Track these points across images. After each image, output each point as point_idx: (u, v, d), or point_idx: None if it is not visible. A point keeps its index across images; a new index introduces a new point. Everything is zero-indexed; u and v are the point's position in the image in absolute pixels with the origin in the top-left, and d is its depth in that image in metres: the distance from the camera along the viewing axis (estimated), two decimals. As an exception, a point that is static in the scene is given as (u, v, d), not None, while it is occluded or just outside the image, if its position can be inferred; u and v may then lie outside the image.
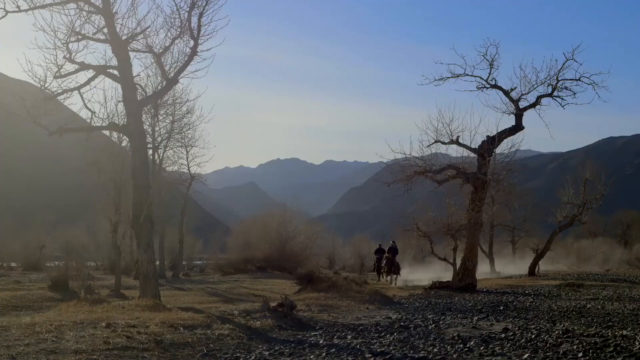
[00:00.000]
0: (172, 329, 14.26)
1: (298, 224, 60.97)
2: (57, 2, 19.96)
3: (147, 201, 20.74)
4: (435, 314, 20.75)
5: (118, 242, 35.04)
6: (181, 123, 45.49)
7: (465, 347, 13.56)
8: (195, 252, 71.57)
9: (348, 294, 25.08)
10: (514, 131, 33.10)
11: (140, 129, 21.31)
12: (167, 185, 45.10)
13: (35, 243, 60.26)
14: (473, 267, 31.82)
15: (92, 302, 18.51)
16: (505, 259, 60.27)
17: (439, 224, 33.07)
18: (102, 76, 21.41)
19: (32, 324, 13.86)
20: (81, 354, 11.23)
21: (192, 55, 21.72)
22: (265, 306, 18.12)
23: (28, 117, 19.60)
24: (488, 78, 33.19)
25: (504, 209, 56.47)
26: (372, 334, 15.71)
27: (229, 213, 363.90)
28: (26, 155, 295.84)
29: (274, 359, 12.40)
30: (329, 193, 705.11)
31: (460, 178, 32.57)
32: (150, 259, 20.96)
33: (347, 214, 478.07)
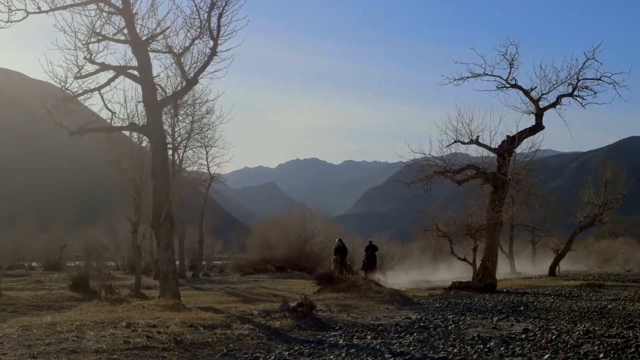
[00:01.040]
0: (192, 329, 14.29)
1: (317, 224, 60.97)
2: (78, 3, 20.05)
3: (167, 201, 20.79)
4: (455, 314, 20.69)
5: (138, 242, 35.20)
6: (201, 123, 45.64)
7: (486, 348, 13.52)
8: (215, 252, 71.73)
9: (367, 294, 25.07)
10: (534, 131, 32.98)
11: (160, 129, 21.38)
12: (187, 185, 45.22)
13: (56, 243, 60.63)
14: (493, 268, 31.72)
15: (112, 302, 18.55)
16: (525, 259, 59.99)
17: (458, 224, 32.96)
18: (122, 77, 21.48)
19: (53, 324, 13.91)
20: (102, 353, 11.26)
21: (212, 56, 21.77)
22: (285, 306, 18.12)
23: (49, 117, 19.70)
24: (508, 78, 33.09)
25: (524, 209, 56.29)
26: (392, 334, 15.69)
27: (248, 213, 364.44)
28: (47, 155, 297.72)
29: (294, 359, 12.40)
30: (348, 193, 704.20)
31: (480, 178, 32.48)
32: (170, 258, 21.01)
33: (366, 214, 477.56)
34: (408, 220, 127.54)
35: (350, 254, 42.90)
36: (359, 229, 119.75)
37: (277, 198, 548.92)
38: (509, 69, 32.96)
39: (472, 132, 32.26)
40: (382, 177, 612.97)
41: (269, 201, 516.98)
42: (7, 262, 57.89)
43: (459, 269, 39.42)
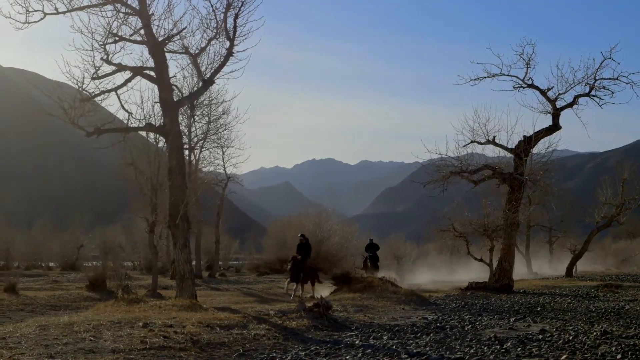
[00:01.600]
0: (209, 329, 14.31)
1: (333, 224, 60.90)
2: (95, 4, 20.11)
3: (184, 201, 20.82)
4: (472, 314, 20.65)
5: (155, 242, 35.25)
6: (217, 124, 45.75)
7: (502, 348, 13.48)
8: (231, 252, 71.87)
9: (384, 295, 25.04)
10: (550, 131, 32.86)
11: (177, 129, 21.40)
12: (203, 185, 45.26)
13: (73, 243, 60.91)
14: (510, 268, 31.63)
15: (129, 302, 18.60)
16: (542, 260, 59.82)
17: (475, 225, 32.90)
18: (138, 77, 21.51)
19: (71, 324, 13.95)
20: (119, 353, 11.30)
21: (228, 56, 21.79)
22: (301, 306, 18.12)
23: (66, 118, 19.75)
24: (525, 77, 32.98)
25: (541, 209, 56.14)
26: (408, 335, 15.67)
27: (264, 213, 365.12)
28: (64, 156, 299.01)
29: (310, 359, 12.41)
30: (364, 193, 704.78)
31: (496, 178, 32.40)
32: (187, 259, 21.04)
33: (382, 214, 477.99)
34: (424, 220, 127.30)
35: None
36: (375, 229, 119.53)
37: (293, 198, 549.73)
38: (526, 68, 32.87)
39: (488, 132, 32.21)
40: (398, 177, 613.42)
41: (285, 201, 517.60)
42: (25, 262, 58.26)
43: (476, 269, 39.31)
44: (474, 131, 32.35)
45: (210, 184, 49.07)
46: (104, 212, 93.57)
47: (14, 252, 58.24)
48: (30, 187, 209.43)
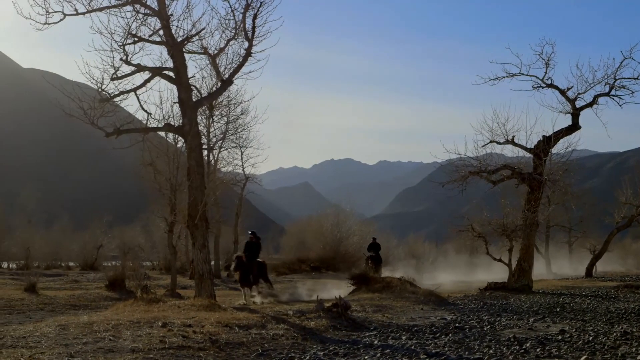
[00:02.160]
0: (228, 329, 14.34)
1: (352, 224, 60.98)
2: (114, 5, 20.19)
3: (203, 201, 20.87)
4: (491, 315, 20.59)
5: (174, 242, 35.34)
6: (236, 124, 45.81)
7: (522, 349, 13.43)
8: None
9: (402, 295, 25.01)
10: (570, 131, 32.70)
11: (196, 130, 21.45)
12: (222, 185, 45.36)
13: (92, 243, 61.13)
14: (529, 268, 31.51)
15: (148, 302, 18.66)
16: (561, 260, 59.53)
17: (494, 225, 32.81)
18: (157, 78, 21.58)
19: (90, 323, 14.02)
20: (138, 352, 11.34)
21: (247, 57, 21.84)
22: (320, 306, 18.12)
23: (85, 118, 19.84)
24: (544, 77, 32.82)
25: (561, 209, 55.85)
26: (427, 335, 15.65)
27: (283, 213, 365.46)
28: (83, 156, 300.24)
29: (329, 359, 12.41)
30: (383, 193, 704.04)
31: (515, 178, 32.27)
32: (206, 258, 21.10)
33: (401, 214, 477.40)
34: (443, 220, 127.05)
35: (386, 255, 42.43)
36: (393, 229, 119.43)
37: (311, 198, 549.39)
38: (545, 68, 32.71)
39: (507, 132, 32.08)
40: (417, 178, 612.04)
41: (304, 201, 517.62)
42: (45, 262, 58.55)
43: (495, 269, 39.18)
44: (493, 131, 32.27)
45: (229, 184, 49.16)
46: (123, 212, 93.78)
47: (34, 252, 58.55)
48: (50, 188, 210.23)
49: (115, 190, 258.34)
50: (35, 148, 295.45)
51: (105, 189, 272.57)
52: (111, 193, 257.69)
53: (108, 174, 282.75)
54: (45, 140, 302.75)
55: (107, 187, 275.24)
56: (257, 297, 26.97)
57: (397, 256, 63.54)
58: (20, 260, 58.59)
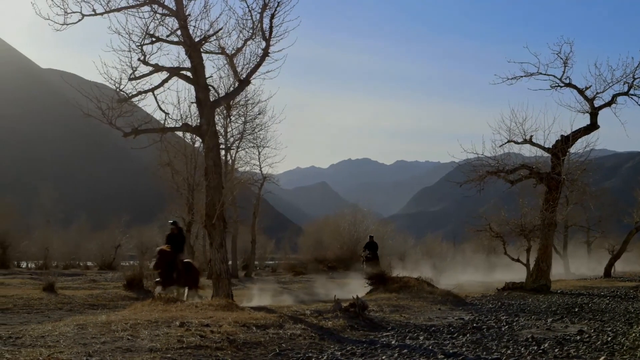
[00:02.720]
0: (245, 329, 14.35)
1: (369, 224, 60.98)
2: (132, 5, 20.25)
3: (220, 201, 20.90)
4: (509, 315, 20.52)
5: (191, 242, 35.49)
6: (253, 124, 45.94)
7: (540, 349, 13.38)
8: (267, 252, 72.08)
9: (420, 295, 24.97)
10: (588, 130, 32.54)
11: (213, 129, 21.49)
12: (239, 185, 45.48)
13: (110, 243, 61.43)
14: (547, 268, 31.39)
15: (166, 301, 18.72)
16: (580, 260, 59.22)
17: (512, 225, 32.72)
18: (175, 78, 21.64)
19: (108, 322, 14.06)
20: (156, 352, 11.36)
21: (264, 56, 21.87)
22: (337, 306, 18.12)
23: (103, 118, 19.91)
24: (562, 77, 32.64)
25: (579, 209, 55.57)
26: (445, 335, 15.61)
27: (300, 213, 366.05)
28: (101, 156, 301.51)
29: (346, 359, 12.40)
30: (400, 193, 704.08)
31: (533, 178, 32.17)
32: (223, 258, 21.13)
33: (418, 214, 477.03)
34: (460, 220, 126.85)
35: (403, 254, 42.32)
36: (410, 229, 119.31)
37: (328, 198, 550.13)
38: (563, 67, 32.53)
39: (525, 131, 31.96)
40: (434, 177, 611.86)
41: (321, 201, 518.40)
42: (63, 262, 58.86)
43: (513, 269, 39.01)
44: (510, 130, 32.15)
45: (247, 184, 49.29)
46: (141, 211, 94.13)
47: (53, 251, 58.85)
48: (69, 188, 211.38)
49: (133, 189, 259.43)
50: (54, 148, 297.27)
51: (123, 189, 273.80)
52: (129, 193, 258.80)
53: (126, 173, 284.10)
54: (63, 140, 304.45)
55: (125, 187, 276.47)
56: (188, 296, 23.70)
57: (415, 256, 63.55)
58: (39, 260, 58.91)
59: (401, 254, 63.16)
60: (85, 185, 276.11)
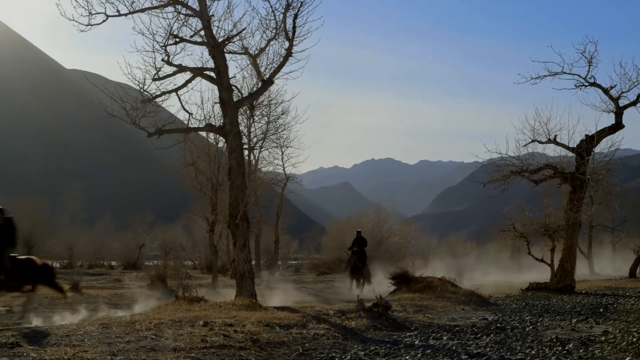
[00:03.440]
0: (268, 328, 14.37)
1: (392, 224, 60.88)
2: (156, 6, 20.33)
3: (244, 201, 20.94)
4: (533, 315, 20.43)
5: (215, 242, 35.60)
6: (276, 124, 46.08)
7: (564, 350, 13.32)
8: (291, 251, 72.13)
9: (443, 295, 24.90)
10: (613, 130, 32.32)
11: (236, 130, 21.53)
12: (262, 185, 45.56)
13: (134, 243, 61.72)
14: (571, 269, 31.25)
15: (189, 301, 18.79)
16: (604, 261, 58.91)
17: (536, 225, 32.60)
18: (199, 78, 21.69)
19: (132, 322, 14.13)
20: (179, 351, 11.41)
21: (287, 56, 21.90)
22: (361, 306, 18.12)
23: (128, 119, 19.99)
24: (587, 76, 32.44)
25: (604, 209, 55.26)
26: (468, 335, 15.57)
27: (323, 213, 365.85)
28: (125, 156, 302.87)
29: (369, 359, 12.39)
30: (423, 193, 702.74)
31: (558, 178, 32.03)
32: (247, 258, 21.17)
33: (442, 214, 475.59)
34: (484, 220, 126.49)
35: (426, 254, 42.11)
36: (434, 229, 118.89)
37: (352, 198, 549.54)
38: (588, 67, 32.32)
39: (549, 131, 31.82)
40: (458, 177, 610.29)
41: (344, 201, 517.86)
42: (88, 261, 59.18)
43: (537, 269, 38.80)
44: (534, 130, 32.02)
45: (270, 183, 49.37)
46: (165, 211, 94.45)
47: (77, 251, 59.17)
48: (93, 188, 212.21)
49: (157, 189, 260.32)
50: (79, 148, 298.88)
51: (147, 189, 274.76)
52: (153, 192, 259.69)
53: (150, 173, 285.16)
54: (88, 141, 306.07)
55: (149, 187, 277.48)
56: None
57: (438, 256, 63.42)
58: (63, 260, 59.23)
59: (425, 254, 63.07)
60: (110, 184, 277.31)
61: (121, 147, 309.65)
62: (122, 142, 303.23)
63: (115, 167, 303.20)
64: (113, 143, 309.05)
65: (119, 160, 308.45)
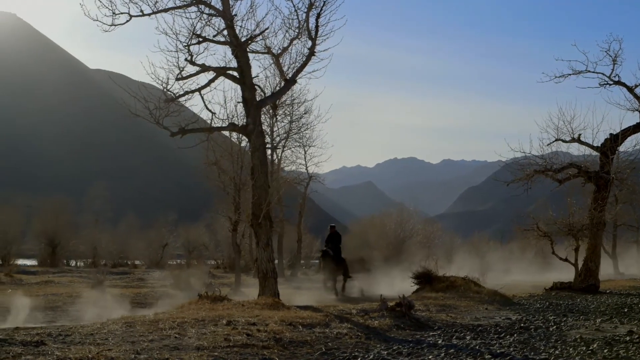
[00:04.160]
0: (291, 327, 14.38)
1: (415, 223, 60.69)
2: (179, 6, 20.40)
3: (266, 200, 20.97)
4: (557, 315, 20.33)
5: (238, 241, 35.65)
6: (299, 123, 46.14)
7: (588, 350, 13.24)
8: (313, 250, 72.06)
9: (467, 294, 24.83)
10: (638, 128, 32.12)
11: (259, 129, 21.56)
12: (285, 184, 45.61)
13: (158, 242, 62.01)
14: (596, 268, 31.07)
15: (212, 300, 18.83)
16: (629, 260, 58.47)
17: (559, 224, 32.45)
18: (222, 78, 21.74)
19: (156, 321, 14.19)
20: (203, 350, 11.43)
21: (310, 56, 21.90)
22: (384, 305, 18.08)
23: (151, 118, 20.07)
24: (611, 74, 32.25)
25: (628, 208, 54.90)
26: (492, 335, 15.51)
27: (346, 212, 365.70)
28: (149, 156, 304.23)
29: (393, 359, 12.37)
30: (446, 192, 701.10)
31: (582, 177, 31.86)
32: (269, 257, 21.20)
33: (465, 213, 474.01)
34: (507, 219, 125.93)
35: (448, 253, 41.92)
36: (458, 228, 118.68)
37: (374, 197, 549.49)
38: (612, 65, 32.14)
39: (573, 130, 31.67)
40: (481, 176, 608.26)
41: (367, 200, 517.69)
42: (112, 260, 59.52)
43: (560, 269, 38.58)
44: (558, 129, 31.88)
45: (292, 183, 49.41)
46: (188, 210, 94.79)
47: (101, 250, 59.58)
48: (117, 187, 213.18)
49: (180, 189, 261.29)
50: (103, 147, 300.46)
51: (170, 188, 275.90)
52: (176, 192, 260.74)
53: (173, 172, 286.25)
54: (112, 140, 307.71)
55: (172, 186, 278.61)
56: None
57: (461, 255, 63.29)
58: (87, 259, 59.70)
59: (448, 253, 62.91)
60: (133, 184, 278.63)
61: (145, 147, 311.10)
62: (146, 142, 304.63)
63: (139, 166, 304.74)
64: (136, 142, 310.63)
65: (143, 160, 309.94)
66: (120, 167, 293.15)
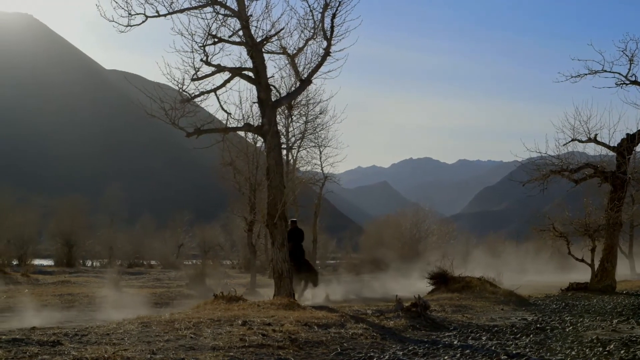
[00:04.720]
0: (307, 328, 14.38)
1: (431, 223, 60.72)
2: (195, 7, 20.44)
3: (282, 201, 20.98)
4: (573, 316, 20.25)
5: (253, 241, 35.70)
6: (314, 123, 46.05)
7: (605, 351, 13.18)
8: (329, 251, 72.20)
9: (482, 295, 24.78)
10: (655, 128, 32.03)
11: (275, 129, 21.57)
12: (300, 184, 45.61)
13: (173, 242, 62.27)
14: (612, 269, 30.93)
15: (228, 300, 18.86)
16: (646, 261, 58.25)
17: (576, 224, 32.33)
18: (237, 78, 21.76)
19: (171, 321, 14.22)
20: (218, 350, 11.45)
21: (325, 56, 21.90)
22: (399, 306, 18.07)
23: (167, 119, 20.12)
24: (628, 74, 32.11)
25: (645, 208, 54.67)
26: (508, 336, 15.46)
27: (361, 212, 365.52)
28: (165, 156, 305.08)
29: (408, 359, 12.36)
30: (462, 192, 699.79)
31: (598, 177, 31.75)
32: (285, 257, 21.19)
33: (480, 213, 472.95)
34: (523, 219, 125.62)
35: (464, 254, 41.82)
36: (473, 228, 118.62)
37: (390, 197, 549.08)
38: (629, 65, 32.00)
39: (589, 130, 31.55)
40: (497, 176, 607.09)
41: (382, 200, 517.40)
42: (127, 261, 59.75)
43: (577, 269, 38.45)
44: (574, 129, 31.77)
45: (308, 183, 49.39)
46: (203, 211, 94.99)
47: (117, 250, 59.82)
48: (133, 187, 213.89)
49: (195, 189, 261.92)
50: (119, 148, 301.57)
51: (186, 188, 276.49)
52: (192, 192, 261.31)
53: (189, 173, 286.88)
54: (127, 141, 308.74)
55: (187, 186, 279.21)
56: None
57: (477, 255, 63.17)
58: (103, 259, 59.94)
59: (464, 253, 62.81)
60: (149, 184, 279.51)
61: (161, 148, 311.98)
62: (162, 143, 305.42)
63: (154, 167, 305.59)
64: (153, 143, 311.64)
65: (158, 160, 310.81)
66: (136, 167, 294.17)
